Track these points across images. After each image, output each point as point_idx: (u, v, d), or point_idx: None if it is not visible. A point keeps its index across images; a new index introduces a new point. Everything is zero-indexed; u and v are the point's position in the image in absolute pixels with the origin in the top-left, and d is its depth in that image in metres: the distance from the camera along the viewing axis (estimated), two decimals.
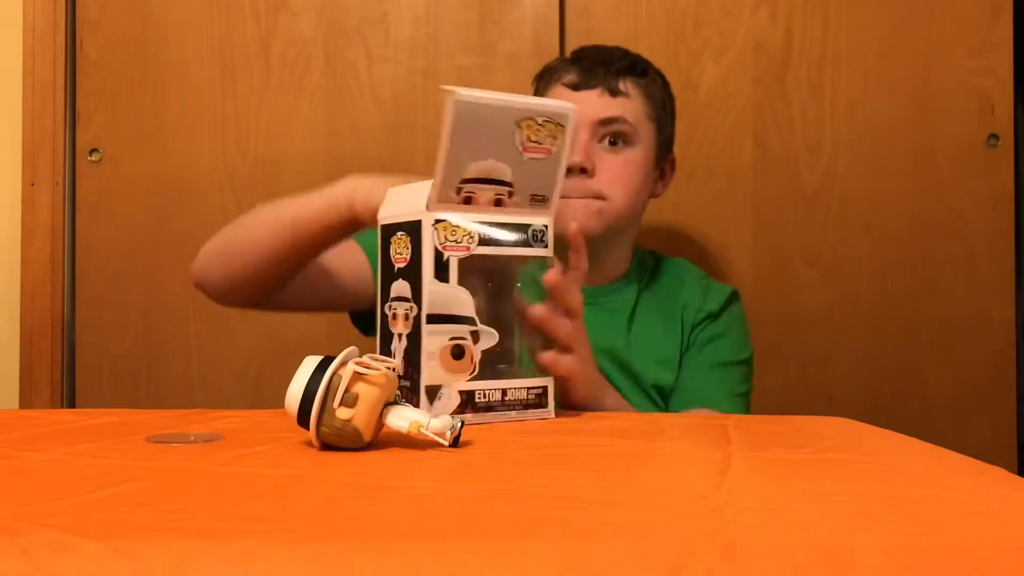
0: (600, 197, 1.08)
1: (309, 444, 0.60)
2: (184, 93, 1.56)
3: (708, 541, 0.36)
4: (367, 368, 0.59)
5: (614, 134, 1.09)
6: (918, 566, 0.35)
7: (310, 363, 0.61)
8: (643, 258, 1.21)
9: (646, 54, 1.52)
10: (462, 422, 0.61)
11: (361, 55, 1.53)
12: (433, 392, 0.72)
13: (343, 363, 0.60)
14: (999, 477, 0.51)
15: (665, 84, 1.18)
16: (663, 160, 1.18)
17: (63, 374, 1.55)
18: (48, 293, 1.55)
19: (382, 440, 0.62)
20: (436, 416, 0.60)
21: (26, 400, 1.55)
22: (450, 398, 0.72)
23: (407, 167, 1.52)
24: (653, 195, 1.18)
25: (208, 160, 1.55)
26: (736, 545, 0.36)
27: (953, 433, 1.45)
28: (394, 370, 0.62)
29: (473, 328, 0.73)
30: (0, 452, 0.58)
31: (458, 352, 0.73)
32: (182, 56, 1.56)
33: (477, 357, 0.73)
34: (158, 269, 1.55)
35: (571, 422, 0.76)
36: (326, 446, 0.60)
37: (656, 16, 1.50)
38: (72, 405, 1.56)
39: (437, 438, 0.59)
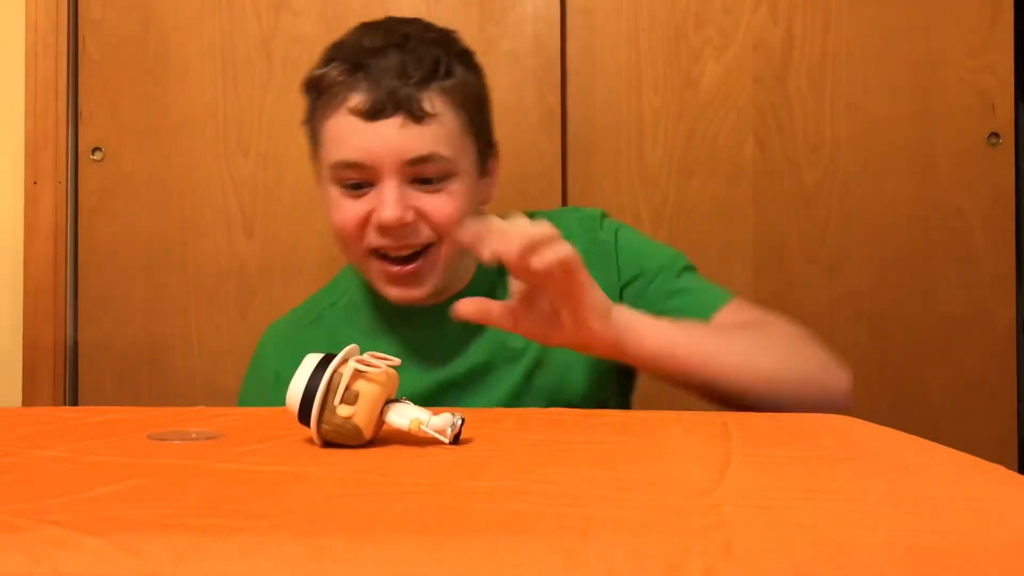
0: (428, 244, 0.92)
1: (310, 441, 0.60)
2: (186, 92, 1.56)
3: (707, 539, 0.36)
4: (368, 366, 0.60)
5: (429, 174, 0.89)
6: (917, 563, 0.35)
7: (311, 361, 0.61)
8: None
9: (647, 53, 1.52)
10: (462, 419, 0.61)
11: None
12: None
13: (344, 360, 0.60)
14: (999, 475, 0.51)
15: (473, 67, 0.96)
16: (486, 163, 0.99)
17: (65, 372, 1.56)
18: (51, 291, 1.55)
19: (382, 438, 0.62)
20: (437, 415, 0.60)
21: (28, 397, 1.55)
22: None
23: None
24: (484, 202, 1.00)
25: (210, 159, 1.55)
26: (735, 543, 0.36)
27: (953, 431, 1.45)
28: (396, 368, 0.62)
29: None
30: (2, 449, 0.58)
31: None
32: (184, 55, 1.56)
33: None
34: (160, 268, 1.56)
35: (571, 420, 0.76)
36: (327, 443, 0.60)
37: (657, 14, 1.50)
38: (74, 403, 1.57)
39: (438, 435, 0.59)
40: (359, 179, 0.89)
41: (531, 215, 1.02)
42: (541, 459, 0.57)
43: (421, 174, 0.89)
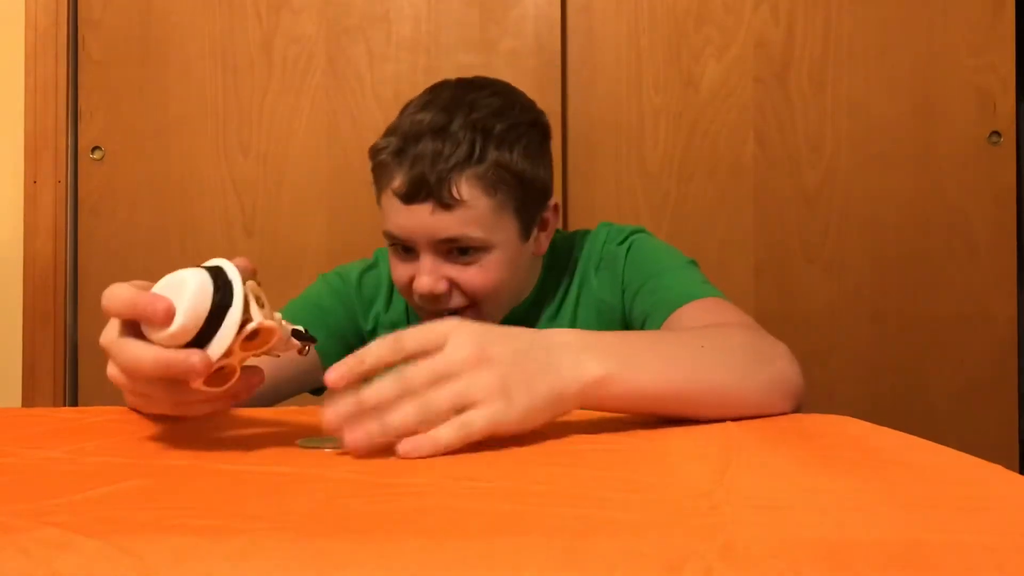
0: (463, 308, 0.96)
1: (304, 444, 0.60)
2: (186, 91, 1.56)
3: (707, 539, 0.36)
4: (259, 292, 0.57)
5: (461, 249, 0.94)
6: (917, 563, 0.35)
7: (196, 276, 0.57)
8: (556, 252, 1.07)
9: (647, 52, 1.52)
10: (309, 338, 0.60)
11: (363, 53, 1.53)
12: None
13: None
14: (999, 475, 0.51)
15: (516, 143, 0.95)
16: (537, 222, 1.01)
17: (65, 372, 1.56)
18: (50, 291, 1.55)
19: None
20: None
21: (28, 398, 1.55)
22: None
23: None
24: (537, 254, 1.03)
25: (210, 158, 1.55)
26: (735, 543, 0.36)
27: (954, 430, 1.45)
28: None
29: None
30: (1, 450, 0.58)
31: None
32: (184, 54, 1.56)
33: None
34: (160, 267, 1.55)
35: (570, 420, 0.76)
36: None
37: (657, 14, 1.50)
38: (74, 403, 1.57)
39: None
40: (405, 245, 0.97)
41: (571, 234, 1.09)
42: (540, 459, 0.57)
43: (455, 248, 0.95)
